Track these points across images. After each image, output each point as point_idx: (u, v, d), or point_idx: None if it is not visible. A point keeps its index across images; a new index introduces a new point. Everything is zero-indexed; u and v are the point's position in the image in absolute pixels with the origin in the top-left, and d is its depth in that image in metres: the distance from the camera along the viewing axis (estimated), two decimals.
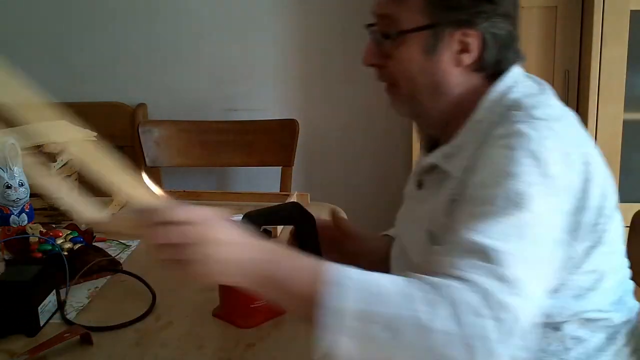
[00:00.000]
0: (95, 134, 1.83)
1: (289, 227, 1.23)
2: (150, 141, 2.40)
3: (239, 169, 2.49)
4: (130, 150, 2.53)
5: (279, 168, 2.39)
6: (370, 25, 1.11)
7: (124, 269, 1.42)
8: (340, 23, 2.47)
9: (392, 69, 1.08)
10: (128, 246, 1.55)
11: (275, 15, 2.49)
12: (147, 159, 2.40)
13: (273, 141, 2.42)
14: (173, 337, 1.19)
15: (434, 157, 1.10)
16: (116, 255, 1.49)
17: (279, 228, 1.58)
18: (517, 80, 1.07)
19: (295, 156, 2.39)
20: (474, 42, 1.04)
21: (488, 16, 1.03)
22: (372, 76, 1.10)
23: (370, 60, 1.10)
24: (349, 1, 2.44)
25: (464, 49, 1.04)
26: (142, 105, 2.55)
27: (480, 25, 1.03)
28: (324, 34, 2.49)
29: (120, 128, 2.51)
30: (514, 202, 0.90)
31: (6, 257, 1.40)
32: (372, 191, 2.50)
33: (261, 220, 1.17)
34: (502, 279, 0.84)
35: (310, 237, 1.19)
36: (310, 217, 1.19)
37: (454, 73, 1.06)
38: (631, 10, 2.04)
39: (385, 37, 1.06)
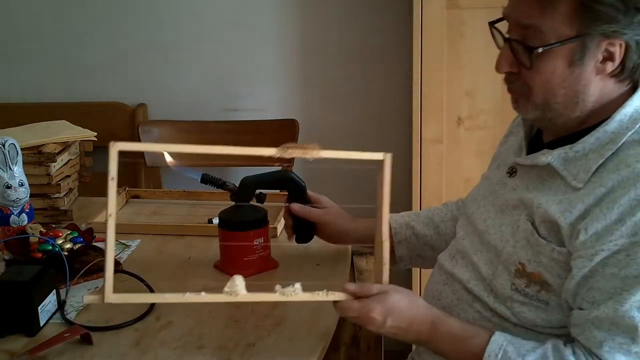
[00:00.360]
0: (95, 133, 1.83)
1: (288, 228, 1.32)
2: (150, 141, 2.40)
3: (239, 169, 2.49)
4: None
5: (279, 168, 2.38)
6: (501, 31, 1.09)
7: (124, 269, 1.42)
8: (341, 23, 2.46)
9: (529, 79, 1.06)
10: (128, 246, 1.55)
11: (275, 15, 2.49)
12: (147, 159, 2.40)
13: (273, 141, 2.40)
14: (173, 337, 1.19)
15: (551, 158, 1.09)
16: (116, 255, 1.48)
17: (280, 224, 1.59)
18: None
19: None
20: (618, 50, 1.02)
21: (638, 25, 1.01)
22: (372, 76, 1.11)
23: (506, 69, 1.08)
24: (349, 1, 2.44)
25: (608, 57, 1.03)
26: (142, 105, 2.55)
27: (628, 35, 1.01)
28: (324, 34, 2.49)
29: (120, 128, 2.51)
30: None
31: (6, 257, 1.40)
32: (372, 191, 2.50)
33: (256, 185, 1.37)
34: None
35: (301, 202, 1.38)
36: (301, 184, 1.37)
37: (594, 81, 1.05)
38: None
39: (529, 48, 1.04)
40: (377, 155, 1.15)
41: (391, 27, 2.43)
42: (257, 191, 1.40)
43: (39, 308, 1.20)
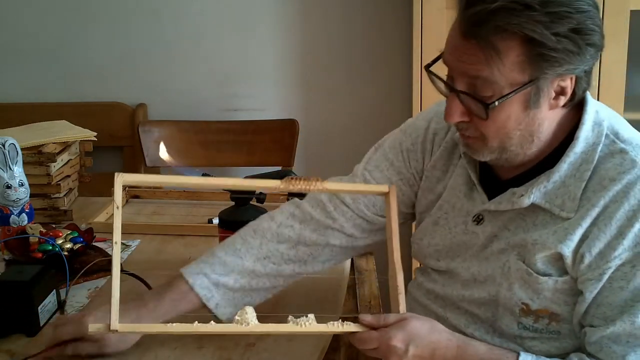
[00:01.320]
0: (95, 133, 1.83)
1: None
2: (150, 141, 2.40)
3: (239, 169, 2.49)
4: (130, 150, 2.53)
5: (279, 168, 2.39)
6: (443, 79, 1.06)
7: (124, 269, 1.42)
8: (341, 23, 2.46)
9: (483, 128, 1.02)
10: (128, 246, 1.55)
11: (275, 15, 2.49)
12: (147, 159, 2.40)
13: (273, 141, 2.42)
14: (173, 337, 1.19)
15: (535, 197, 1.05)
16: None
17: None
18: (596, 105, 1.07)
19: (295, 156, 2.39)
20: (569, 84, 1.00)
21: (589, 58, 0.98)
22: (372, 76, 1.10)
23: (457, 119, 1.04)
24: (349, 1, 2.44)
25: (560, 92, 1.01)
26: (142, 105, 2.55)
27: (579, 69, 0.99)
28: (324, 34, 2.49)
29: (120, 128, 2.51)
30: None
31: (6, 257, 1.40)
32: None
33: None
34: None
35: None
36: None
37: (548, 117, 1.03)
38: (631, 10, 2.03)
39: (482, 102, 0.99)
40: (381, 188, 1.11)
41: (391, 27, 2.43)
42: (257, 191, 1.40)
43: (39, 308, 1.20)
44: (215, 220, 1.57)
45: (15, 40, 2.54)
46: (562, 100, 1.01)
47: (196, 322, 1.01)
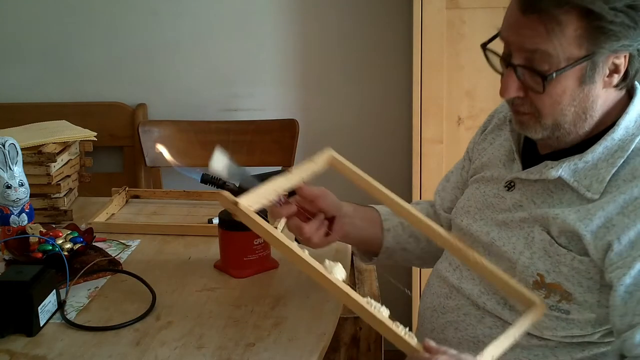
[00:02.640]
0: (95, 133, 1.83)
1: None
2: (150, 141, 2.40)
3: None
4: (130, 150, 2.53)
5: (279, 168, 2.39)
6: (499, 54, 1.07)
7: (124, 269, 1.42)
8: (341, 23, 2.46)
9: (538, 102, 1.04)
10: (128, 246, 1.55)
11: (275, 15, 2.49)
12: (147, 159, 2.40)
13: (273, 141, 2.42)
14: (173, 337, 1.19)
15: (563, 171, 1.07)
16: (116, 255, 1.49)
17: (280, 224, 1.58)
18: None
19: (295, 156, 2.39)
20: (623, 61, 1.02)
21: None
22: (372, 76, 1.10)
23: (513, 94, 1.06)
24: (349, 1, 2.44)
25: (614, 69, 1.03)
26: (142, 105, 2.54)
27: (633, 46, 1.01)
28: (324, 34, 2.49)
29: (120, 128, 2.51)
30: None
31: (6, 257, 1.40)
32: None
33: (255, 185, 1.30)
34: None
35: None
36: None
37: (602, 95, 1.05)
38: None
39: (539, 74, 1.01)
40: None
41: (391, 27, 2.43)
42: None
43: (39, 308, 1.20)
44: (215, 220, 1.57)
45: (15, 40, 2.54)
46: (616, 78, 1.04)
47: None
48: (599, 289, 1.06)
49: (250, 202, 1.05)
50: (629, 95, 1.09)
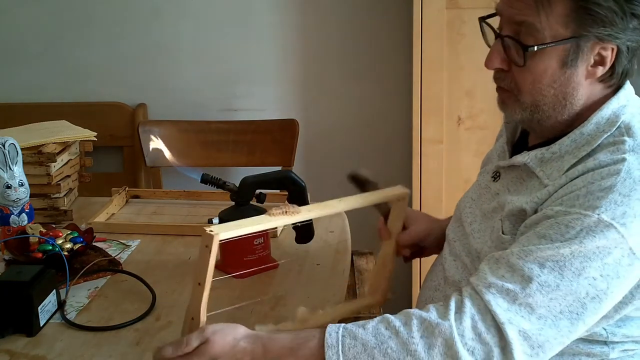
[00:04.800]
0: (95, 133, 1.83)
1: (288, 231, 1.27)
2: (151, 141, 2.40)
3: (239, 169, 2.49)
4: (130, 150, 2.53)
5: (279, 168, 2.39)
6: (492, 27, 1.09)
7: (124, 269, 1.42)
8: (341, 23, 2.46)
9: (519, 77, 1.06)
10: (128, 246, 1.55)
11: (275, 15, 2.49)
12: (147, 159, 2.40)
13: (273, 141, 2.42)
14: (173, 337, 1.18)
15: (528, 158, 1.10)
16: (116, 255, 1.49)
17: (279, 228, 1.59)
18: (629, 99, 1.08)
19: (295, 156, 2.39)
20: (609, 54, 1.03)
21: (631, 30, 1.01)
22: (372, 76, 1.10)
23: (496, 65, 1.08)
24: (349, 1, 2.44)
25: (600, 61, 1.03)
26: (142, 105, 2.55)
27: (620, 39, 1.01)
28: (324, 34, 2.49)
29: (120, 128, 2.51)
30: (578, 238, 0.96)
31: (6, 257, 1.40)
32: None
33: (257, 185, 1.37)
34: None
35: (301, 202, 1.32)
36: (301, 184, 1.36)
37: (584, 85, 1.05)
38: None
39: (522, 46, 1.03)
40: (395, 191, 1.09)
41: (391, 27, 2.43)
42: (257, 191, 1.41)
43: (39, 308, 1.20)
44: (215, 220, 1.57)
45: (16, 40, 2.54)
46: (600, 70, 1.04)
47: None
48: None
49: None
50: (616, 93, 1.09)
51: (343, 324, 1.02)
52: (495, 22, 1.11)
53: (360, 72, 2.50)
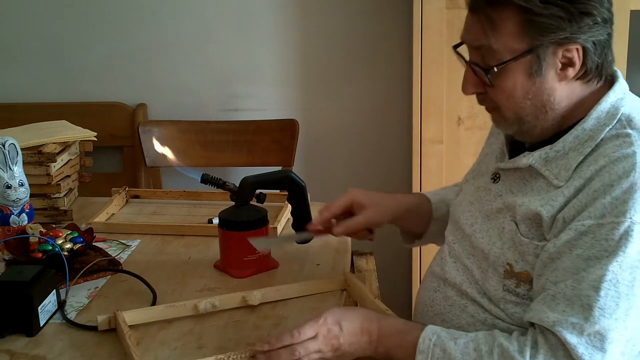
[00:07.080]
0: (95, 133, 1.83)
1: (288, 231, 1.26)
2: (150, 141, 2.40)
3: (239, 169, 2.49)
4: (130, 150, 2.53)
5: (279, 168, 2.39)
6: (462, 54, 1.12)
7: (124, 269, 1.42)
8: (341, 23, 2.46)
9: (494, 96, 1.10)
10: (128, 246, 1.55)
11: (275, 15, 2.49)
12: (147, 159, 2.40)
13: (273, 141, 2.42)
14: (173, 337, 1.19)
15: (532, 159, 1.11)
16: (116, 255, 1.49)
17: (280, 224, 1.59)
18: (625, 92, 1.10)
19: (295, 156, 2.39)
20: (576, 54, 1.04)
21: (589, 28, 1.03)
22: (372, 76, 1.11)
23: (471, 91, 1.12)
24: (349, 1, 2.44)
25: (568, 63, 1.05)
26: (142, 105, 2.55)
27: (581, 38, 1.03)
28: (324, 34, 2.49)
29: (120, 128, 2.51)
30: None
31: (6, 257, 1.40)
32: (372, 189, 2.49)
33: (257, 185, 1.39)
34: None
35: (301, 202, 1.38)
36: (301, 184, 1.38)
37: (559, 88, 1.07)
38: (631, 10, 2.03)
39: (485, 69, 1.07)
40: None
41: (391, 27, 2.43)
42: (257, 191, 1.41)
43: (39, 308, 1.20)
44: (215, 220, 1.57)
45: (15, 40, 2.54)
46: (572, 71, 1.06)
47: None
48: None
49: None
50: (610, 87, 1.11)
51: (438, 331, 1.06)
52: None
53: (360, 72, 2.50)
